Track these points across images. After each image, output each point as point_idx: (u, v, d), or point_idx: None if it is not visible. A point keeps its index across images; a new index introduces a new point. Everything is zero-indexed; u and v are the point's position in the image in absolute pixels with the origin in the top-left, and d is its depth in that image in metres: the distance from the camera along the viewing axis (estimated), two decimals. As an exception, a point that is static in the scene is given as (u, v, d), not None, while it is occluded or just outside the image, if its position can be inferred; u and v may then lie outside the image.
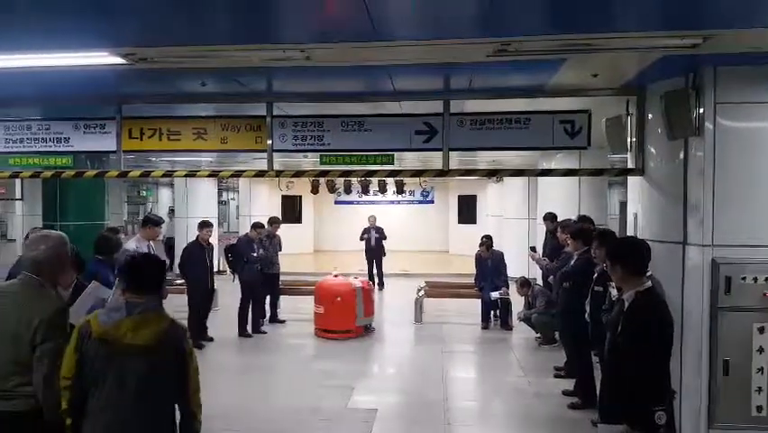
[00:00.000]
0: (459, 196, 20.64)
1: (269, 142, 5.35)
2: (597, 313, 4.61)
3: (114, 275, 4.89)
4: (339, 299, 8.24)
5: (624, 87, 4.87)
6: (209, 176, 6.17)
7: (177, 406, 2.58)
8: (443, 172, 5.22)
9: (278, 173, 5.60)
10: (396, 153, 7.55)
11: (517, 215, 14.02)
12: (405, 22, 3.50)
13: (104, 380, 2.42)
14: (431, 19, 3.39)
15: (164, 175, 6.28)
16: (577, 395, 5.56)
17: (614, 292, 3.83)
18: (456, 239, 20.31)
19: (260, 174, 5.64)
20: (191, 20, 3.48)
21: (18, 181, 13.83)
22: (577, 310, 5.12)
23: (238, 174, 6.24)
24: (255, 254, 8.47)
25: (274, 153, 5.51)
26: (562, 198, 9.47)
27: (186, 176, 6.29)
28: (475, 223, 19.32)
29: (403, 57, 3.99)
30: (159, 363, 2.47)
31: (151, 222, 6.55)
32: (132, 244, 6.25)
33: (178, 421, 2.60)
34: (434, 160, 6.52)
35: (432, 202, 22.03)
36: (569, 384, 5.85)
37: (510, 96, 5.10)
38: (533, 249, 7.21)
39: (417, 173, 5.74)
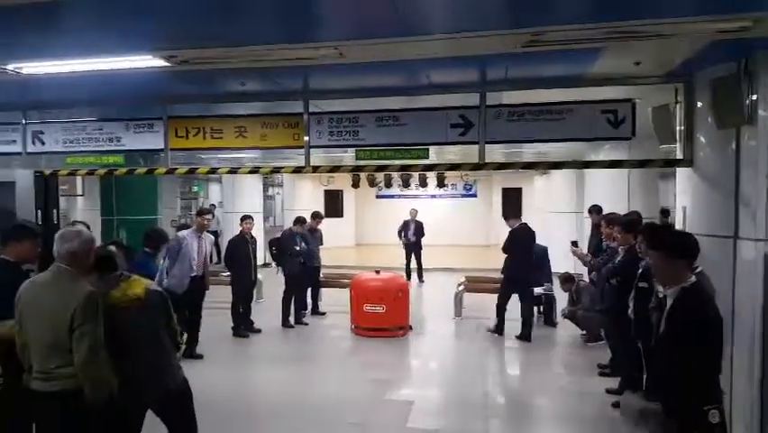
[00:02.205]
0: (503, 189, 20.30)
1: (306, 138, 5.43)
2: (641, 310, 4.46)
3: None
4: (401, 294, 8.19)
5: (671, 75, 4.68)
6: (250, 172, 6.31)
7: None
8: (479, 166, 5.16)
9: (315, 169, 5.68)
10: (435, 147, 7.54)
11: (564, 208, 13.67)
12: (433, 15, 3.47)
13: None
14: (459, 11, 3.35)
15: (208, 172, 6.47)
16: (622, 394, 5.40)
17: (660, 289, 3.69)
18: (500, 233, 19.95)
19: (298, 170, 5.73)
20: (227, 22, 3.57)
21: (79, 179, 14.53)
22: (624, 307, 4.96)
23: (277, 170, 6.39)
24: (297, 248, 8.64)
25: (313, 149, 5.60)
26: (610, 191, 9.17)
27: (228, 172, 6.43)
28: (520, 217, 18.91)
29: (432, 51, 3.96)
30: (155, 311, 3.14)
31: (200, 213, 6.96)
32: (184, 233, 6.90)
33: None
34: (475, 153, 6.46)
35: (474, 196, 21.76)
36: (614, 383, 5.69)
37: (549, 87, 4.97)
38: (574, 243, 7.00)
39: (453, 167, 5.70)
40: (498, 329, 8.00)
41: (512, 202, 19.91)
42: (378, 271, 8.65)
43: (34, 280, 2.90)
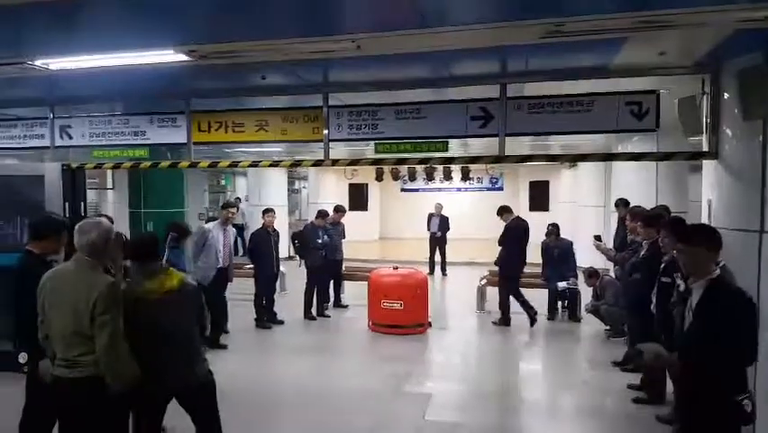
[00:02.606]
0: (530, 182, 20.06)
1: (326, 132, 5.46)
2: (663, 305, 4.38)
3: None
4: (419, 290, 7.97)
5: (697, 65, 4.55)
6: (271, 165, 6.35)
7: None
8: (500, 159, 5.11)
9: (334, 162, 5.71)
10: (459, 140, 7.49)
11: (592, 202, 13.45)
12: (451, 6, 3.44)
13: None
14: (478, 2, 3.32)
15: (230, 165, 6.55)
16: (643, 390, 5.32)
17: (681, 283, 3.62)
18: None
19: (318, 163, 5.78)
20: (245, 17, 3.61)
21: (109, 173, 14.89)
22: (646, 303, 4.88)
23: (297, 163, 6.42)
24: (320, 241, 8.71)
25: (337, 143, 5.63)
26: (638, 184, 8.96)
27: (249, 165, 6.52)
28: (547, 210, 18.65)
29: (450, 43, 3.93)
30: (189, 303, 3.26)
31: (226, 206, 7.09)
32: (209, 225, 7.08)
33: None
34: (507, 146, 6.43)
35: (501, 189, 21.53)
36: (635, 378, 5.60)
37: (571, 79, 4.89)
38: (597, 238, 6.89)
39: (472, 160, 5.67)
40: (504, 321, 8.27)
41: (540, 195, 19.73)
42: (396, 267, 8.42)
43: (56, 270, 3.00)
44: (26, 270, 3.36)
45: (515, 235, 8.40)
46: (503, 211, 8.76)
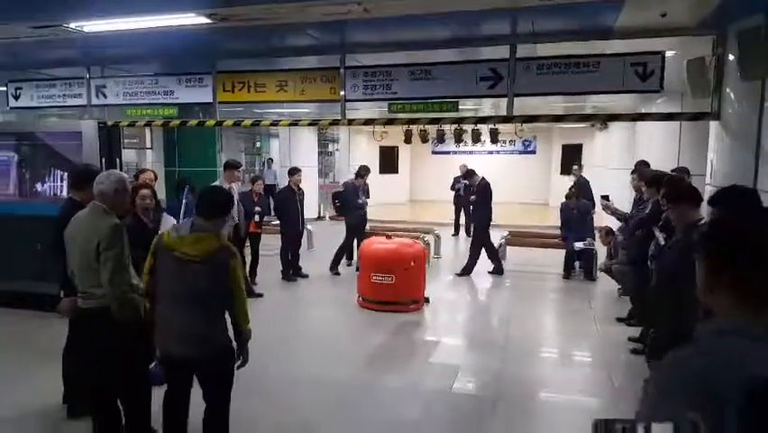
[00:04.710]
0: (563, 145, 19.79)
1: (342, 93, 5.71)
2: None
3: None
4: (413, 263, 6.95)
5: (702, 27, 4.57)
6: (290, 125, 6.65)
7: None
8: (508, 118, 5.28)
9: (350, 122, 5.98)
10: (489, 100, 7.55)
11: (620, 165, 13.31)
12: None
13: (167, 291, 3.02)
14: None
15: (252, 124, 6.89)
16: (641, 342, 5.53)
17: (661, 237, 3.82)
18: (557, 191, 19.54)
19: (335, 123, 6.05)
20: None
21: (147, 132, 15.52)
22: (645, 258, 5.05)
23: (315, 123, 6.71)
24: (360, 201, 9.10)
25: (357, 102, 5.87)
26: (661, 146, 8.91)
27: (270, 125, 6.83)
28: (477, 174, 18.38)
29: (455, 4, 4.09)
30: (207, 275, 2.93)
31: (230, 166, 7.28)
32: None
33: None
34: (540, 107, 6.51)
35: (534, 152, 21.33)
36: (636, 332, 5.82)
37: (577, 40, 4.97)
38: (605, 198, 6.95)
39: (481, 120, 5.83)
40: (497, 270, 8.98)
41: (572, 159, 19.46)
42: (389, 236, 7.62)
43: (77, 215, 3.41)
44: (66, 215, 3.76)
45: (489, 192, 9.09)
46: (470, 174, 9.37)
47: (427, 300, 7.21)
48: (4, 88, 6.99)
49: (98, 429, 3.42)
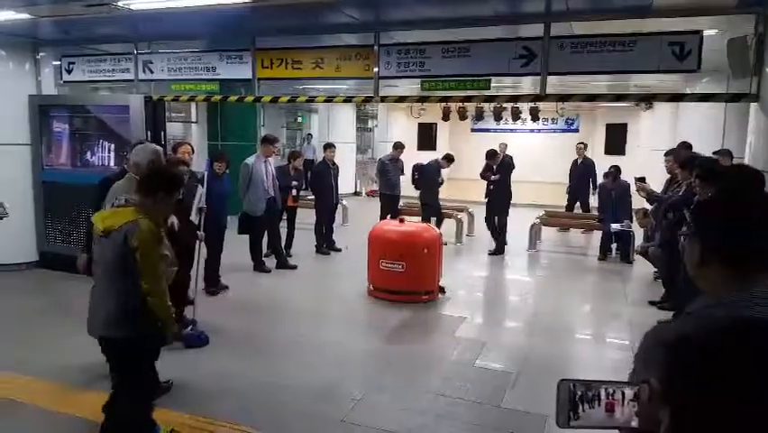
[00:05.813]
0: (607, 125, 19.28)
1: (376, 69, 5.79)
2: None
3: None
4: (426, 250, 6.39)
5: (742, 5, 4.42)
6: (325, 101, 6.79)
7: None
8: (540, 97, 5.25)
9: (383, 99, 6.06)
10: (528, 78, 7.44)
11: (664, 146, 12.90)
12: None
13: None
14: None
15: (289, 101, 7.05)
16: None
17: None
18: (600, 172, 19.14)
19: (367, 100, 6.14)
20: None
21: (193, 107, 15.98)
22: (676, 240, 5.01)
23: (349, 99, 6.81)
24: (440, 180, 9.41)
25: (392, 80, 5.93)
26: (705, 128, 8.65)
27: (306, 101, 6.99)
28: (623, 154, 17.93)
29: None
30: (110, 248, 2.87)
31: (267, 140, 7.49)
32: (251, 160, 7.28)
33: None
34: (583, 86, 6.40)
35: (576, 131, 20.84)
36: (668, 316, 5.78)
37: (614, 18, 4.88)
38: (641, 180, 6.82)
39: (513, 98, 5.81)
40: (498, 250, 9.11)
41: (616, 139, 18.94)
42: (402, 220, 6.95)
43: (116, 184, 3.71)
44: (106, 185, 4.06)
45: (510, 168, 9.35)
46: (492, 155, 9.30)
47: (443, 290, 6.66)
48: (59, 63, 7.36)
49: None
